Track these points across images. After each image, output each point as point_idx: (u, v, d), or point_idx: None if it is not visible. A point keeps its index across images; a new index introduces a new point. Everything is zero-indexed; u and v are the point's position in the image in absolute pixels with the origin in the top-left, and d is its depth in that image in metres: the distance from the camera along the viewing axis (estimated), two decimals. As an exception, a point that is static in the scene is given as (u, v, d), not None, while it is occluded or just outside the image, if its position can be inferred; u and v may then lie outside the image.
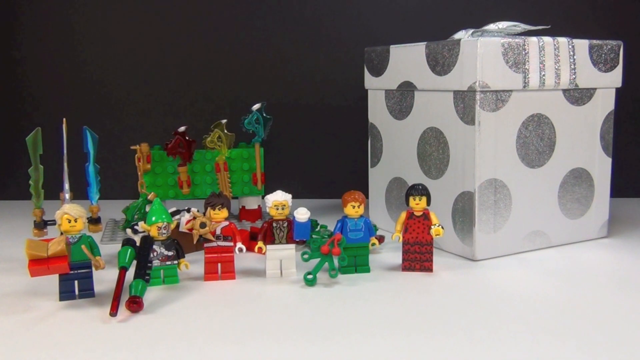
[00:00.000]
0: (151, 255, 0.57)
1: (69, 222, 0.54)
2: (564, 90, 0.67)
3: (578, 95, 0.69)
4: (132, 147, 0.78)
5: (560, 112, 0.68)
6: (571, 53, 0.65)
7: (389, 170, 0.76)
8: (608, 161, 0.72)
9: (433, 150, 0.68)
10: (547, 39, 0.65)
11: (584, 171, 0.71)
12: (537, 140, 0.66)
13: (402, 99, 0.72)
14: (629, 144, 0.94)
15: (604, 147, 0.72)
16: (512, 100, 0.64)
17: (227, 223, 0.60)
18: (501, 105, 0.63)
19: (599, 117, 0.71)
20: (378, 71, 0.75)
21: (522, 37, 0.64)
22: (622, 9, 0.92)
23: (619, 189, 0.80)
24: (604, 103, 0.71)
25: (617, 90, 0.71)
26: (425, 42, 0.68)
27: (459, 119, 0.64)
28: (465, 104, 0.63)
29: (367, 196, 0.77)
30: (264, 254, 0.60)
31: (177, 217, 0.64)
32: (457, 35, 0.67)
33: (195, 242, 0.60)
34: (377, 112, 0.77)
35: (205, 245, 0.60)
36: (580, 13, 0.92)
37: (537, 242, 0.68)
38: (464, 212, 0.65)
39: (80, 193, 0.68)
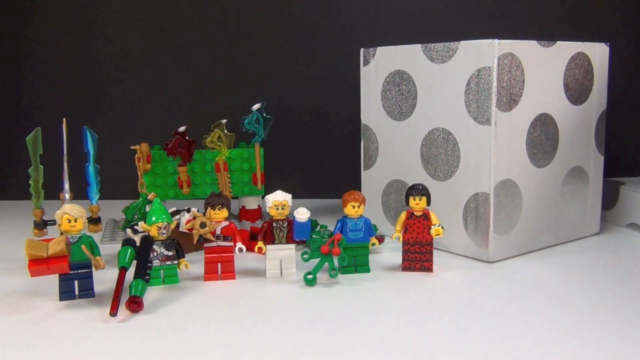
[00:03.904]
0: (151, 255, 0.57)
1: (69, 222, 0.54)
2: (566, 89, 0.68)
3: (577, 95, 0.69)
4: (132, 147, 0.78)
5: (562, 111, 0.68)
6: None
7: (386, 173, 0.75)
8: (601, 159, 0.74)
9: (440, 152, 0.68)
10: None
11: (581, 170, 0.72)
12: (544, 140, 0.67)
13: (402, 100, 0.72)
14: (616, 143, 0.94)
15: (597, 146, 0.73)
16: (523, 99, 0.64)
17: (227, 223, 0.60)
18: (514, 105, 0.63)
19: (594, 116, 0.72)
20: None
21: None
22: (608, 12, 0.92)
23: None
24: (598, 102, 0.72)
25: (609, 90, 0.73)
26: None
27: (471, 119, 0.64)
28: (479, 104, 0.63)
29: None
30: (264, 254, 0.60)
31: (177, 217, 0.64)
32: None
33: (195, 242, 0.60)
34: (372, 113, 0.75)
35: (205, 245, 0.60)
36: (567, 16, 0.92)
37: (542, 241, 0.69)
38: (477, 213, 0.65)
39: (80, 193, 0.68)
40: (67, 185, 0.67)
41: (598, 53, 0.71)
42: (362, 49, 0.76)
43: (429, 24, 0.94)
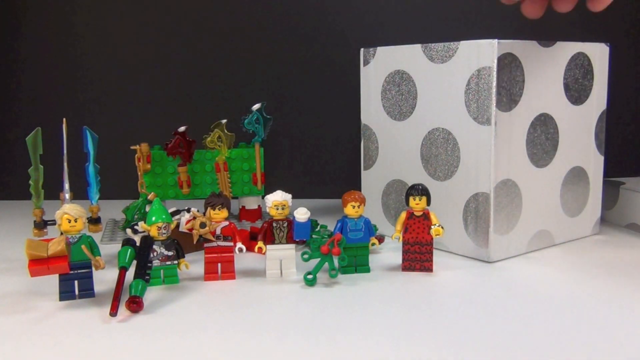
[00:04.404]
0: (151, 255, 0.57)
1: (69, 222, 0.54)
2: (566, 89, 0.68)
3: (577, 95, 0.69)
4: (132, 147, 0.78)
5: (563, 111, 0.68)
6: None
7: (386, 173, 0.75)
8: (601, 159, 0.74)
9: (441, 152, 0.68)
10: None
11: (581, 170, 0.72)
12: (544, 140, 0.67)
13: (402, 100, 0.71)
14: (616, 143, 0.94)
15: (597, 146, 0.73)
16: (523, 99, 0.64)
17: (227, 223, 0.60)
18: (514, 105, 0.63)
19: (594, 116, 0.72)
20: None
21: None
22: (608, 13, 0.92)
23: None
24: (598, 102, 0.72)
25: (609, 90, 0.73)
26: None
27: (471, 119, 0.64)
28: (479, 104, 0.63)
29: None
30: (264, 254, 0.60)
31: (177, 217, 0.64)
32: None
33: (195, 242, 0.60)
34: (372, 113, 0.75)
35: (205, 245, 0.60)
36: (567, 16, 0.92)
37: (543, 241, 0.69)
38: (477, 213, 0.65)
39: (80, 193, 0.68)
40: (67, 185, 0.67)
41: (598, 53, 0.71)
42: (362, 49, 0.76)
43: (429, 24, 0.94)
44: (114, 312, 0.50)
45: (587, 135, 0.72)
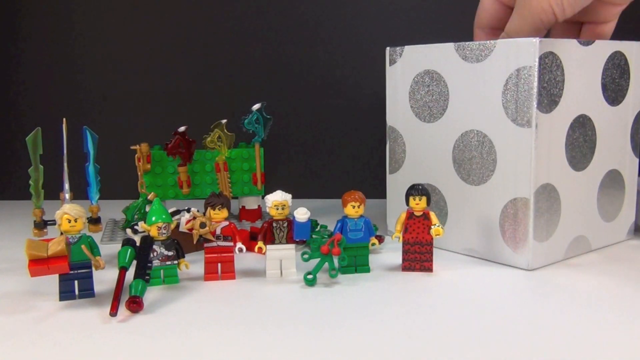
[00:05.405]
0: (151, 255, 0.57)
1: (69, 222, 0.55)
2: (604, 89, 0.65)
3: (614, 95, 0.67)
4: (132, 147, 0.78)
5: (600, 112, 0.66)
6: None
7: (414, 177, 0.70)
8: (636, 162, 0.71)
9: (475, 155, 0.65)
10: None
11: (617, 173, 0.69)
12: (582, 142, 0.64)
13: (432, 101, 0.68)
14: None
15: (633, 148, 0.70)
16: (563, 100, 0.61)
17: (227, 223, 0.60)
18: (554, 106, 0.61)
19: (630, 117, 0.69)
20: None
21: None
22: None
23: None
24: (634, 103, 0.69)
25: None
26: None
27: (509, 120, 0.61)
28: (518, 105, 0.60)
29: (384, 203, 0.75)
30: (264, 254, 0.60)
31: (177, 217, 0.64)
32: None
33: (195, 242, 0.60)
34: (399, 114, 0.72)
35: (205, 245, 0.60)
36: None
37: (580, 247, 0.66)
38: (515, 219, 0.62)
39: (80, 193, 0.68)
40: (67, 185, 0.67)
41: (635, 52, 0.68)
42: (387, 48, 0.72)
43: (456, 22, 0.92)
44: (114, 312, 0.50)
45: (623, 137, 0.69)
